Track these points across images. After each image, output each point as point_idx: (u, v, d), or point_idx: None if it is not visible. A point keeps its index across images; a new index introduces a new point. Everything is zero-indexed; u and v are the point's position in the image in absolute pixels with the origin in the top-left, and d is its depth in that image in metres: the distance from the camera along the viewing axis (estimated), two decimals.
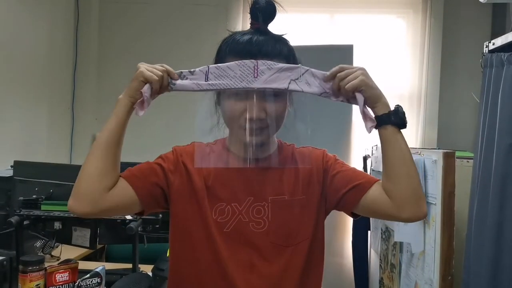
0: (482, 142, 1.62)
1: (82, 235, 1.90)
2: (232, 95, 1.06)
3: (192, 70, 1.05)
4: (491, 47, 1.68)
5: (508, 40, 1.57)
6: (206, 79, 1.05)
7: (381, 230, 2.42)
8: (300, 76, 1.05)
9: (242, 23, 3.48)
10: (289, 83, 1.03)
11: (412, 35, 3.51)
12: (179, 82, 1.05)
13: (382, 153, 1.08)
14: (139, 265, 1.91)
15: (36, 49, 3.08)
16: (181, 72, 1.06)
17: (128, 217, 1.78)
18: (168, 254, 1.86)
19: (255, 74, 1.02)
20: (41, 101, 3.17)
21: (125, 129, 1.06)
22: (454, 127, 3.44)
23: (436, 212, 1.73)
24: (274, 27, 1.13)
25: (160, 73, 1.02)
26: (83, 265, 1.85)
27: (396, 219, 1.10)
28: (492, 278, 1.53)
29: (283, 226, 1.10)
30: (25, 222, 1.79)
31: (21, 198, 1.88)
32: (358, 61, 3.07)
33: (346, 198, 1.11)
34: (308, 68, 1.06)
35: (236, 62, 1.03)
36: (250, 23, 1.10)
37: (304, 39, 3.27)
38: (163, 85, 1.04)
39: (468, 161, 2.02)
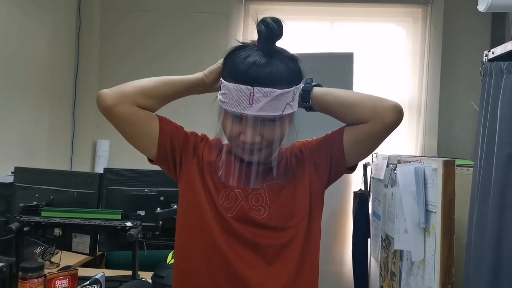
0: (481, 151, 1.63)
1: (82, 241, 1.90)
2: (230, 116, 1.09)
3: None
4: (491, 56, 1.68)
5: (508, 49, 1.58)
6: (220, 91, 1.11)
7: (381, 238, 2.41)
8: (293, 97, 1.09)
9: (243, 30, 3.50)
10: (285, 108, 1.06)
11: (412, 43, 3.52)
12: None
13: (329, 108, 1.16)
14: (139, 272, 1.90)
15: (38, 55, 3.09)
16: None
17: (128, 223, 1.78)
18: (168, 261, 1.87)
19: (250, 101, 1.03)
20: (43, 107, 3.17)
21: (183, 94, 1.19)
22: (454, 136, 3.45)
23: (436, 220, 1.72)
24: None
25: None
26: (82, 271, 1.85)
27: (385, 131, 1.15)
28: (491, 286, 1.53)
29: (281, 209, 1.16)
30: (25, 229, 1.80)
31: (22, 204, 1.89)
32: (358, 69, 3.08)
33: (334, 157, 1.18)
34: (301, 84, 1.12)
35: (234, 85, 1.05)
36: (257, 41, 1.10)
37: (305, 47, 3.28)
38: None
39: (468, 169, 2.02)
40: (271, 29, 1.06)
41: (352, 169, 1.22)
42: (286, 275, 1.14)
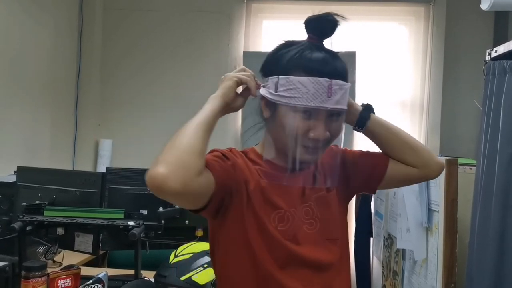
0: (484, 150, 1.62)
1: (85, 241, 1.90)
2: (298, 111, 1.01)
3: (266, 79, 1.08)
4: (494, 54, 1.68)
5: (511, 48, 1.58)
6: (276, 90, 1.03)
7: (384, 237, 2.41)
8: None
9: (245, 29, 3.49)
10: (347, 102, 1.06)
11: (414, 42, 3.51)
12: (260, 90, 1.08)
13: (383, 141, 1.17)
14: (141, 271, 1.91)
15: (40, 55, 3.09)
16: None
17: (131, 223, 1.78)
18: (170, 260, 1.86)
19: (329, 94, 1.00)
20: (45, 106, 3.18)
21: (215, 123, 1.02)
22: (457, 135, 3.44)
23: (438, 220, 1.72)
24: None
25: (251, 74, 1.09)
26: (85, 271, 1.86)
27: (423, 180, 1.31)
28: (494, 285, 1.52)
29: (329, 220, 1.13)
30: (28, 228, 1.80)
31: (24, 203, 1.89)
32: (360, 68, 3.08)
33: (371, 179, 1.19)
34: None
35: (310, 78, 1.00)
36: (309, 37, 1.07)
37: None
38: (252, 86, 1.08)
39: (470, 168, 2.02)
40: (333, 23, 1.08)
41: (375, 190, 1.24)
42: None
